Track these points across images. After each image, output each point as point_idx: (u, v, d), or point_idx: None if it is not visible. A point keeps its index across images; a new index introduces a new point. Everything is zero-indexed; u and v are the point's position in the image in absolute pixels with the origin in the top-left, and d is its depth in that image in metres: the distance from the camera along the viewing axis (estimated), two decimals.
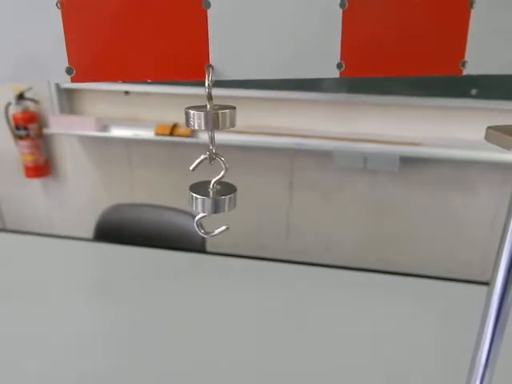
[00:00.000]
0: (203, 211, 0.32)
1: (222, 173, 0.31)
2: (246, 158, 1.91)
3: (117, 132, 1.94)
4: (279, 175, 1.94)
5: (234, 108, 0.30)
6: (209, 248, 1.39)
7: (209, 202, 0.31)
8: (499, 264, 0.41)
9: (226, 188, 0.33)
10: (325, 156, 1.84)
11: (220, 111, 0.29)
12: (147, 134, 1.88)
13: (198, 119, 0.29)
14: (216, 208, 0.32)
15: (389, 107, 1.78)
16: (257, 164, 1.93)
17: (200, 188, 0.32)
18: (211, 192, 0.32)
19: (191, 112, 0.29)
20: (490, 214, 1.82)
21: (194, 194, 0.31)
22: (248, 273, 1.11)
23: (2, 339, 0.87)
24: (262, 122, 1.85)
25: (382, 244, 1.96)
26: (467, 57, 0.28)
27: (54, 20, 0.25)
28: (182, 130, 1.85)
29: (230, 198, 0.32)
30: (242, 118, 1.85)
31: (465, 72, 0.29)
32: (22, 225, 2.26)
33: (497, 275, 0.42)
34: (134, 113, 1.96)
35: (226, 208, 0.32)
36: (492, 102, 1.65)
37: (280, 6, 0.27)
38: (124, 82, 0.27)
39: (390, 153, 1.75)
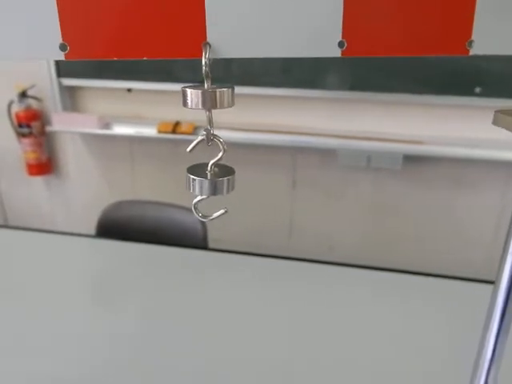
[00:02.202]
0: (201, 194, 0.31)
1: (220, 154, 0.30)
2: (248, 156, 1.91)
3: (119, 129, 1.93)
4: (282, 173, 1.93)
5: (233, 87, 0.30)
6: (211, 245, 1.38)
7: (207, 183, 0.30)
8: (504, 262, 0.40)
9: (224, 170, 0.32)
10: (328, 154, 1.83)
11: (218, 89, 0.28)
12: (150, 131, 1.88)
13: (195, 98, 0.28)
14: (214, 190, 0.31)
15: (392, 105, 1.76)
16: (260, 162, 1.92)
17: (197, 170, 0.31)
18: (209, 174, 0.31)
19: (188, 91, 0.28)
20: (493, 213, 1.80)
21: (192, 176, 0.30)
22: (250, 270, 1.10)
23: (2, 336, 0.86)
24: (264, 120, 1.85)
25: (385, 243, 1.94)
26: (474, 36, 0.27)
27: None
28: (185, 127, 1.85)
29: (228, 180, 0.31)
30: (245, 116, 1.84)
31: (471, 52, 0.28)
32: (24, 222, 2.26)
33: (502, 273, 0.41)
34: (137, 110, 1.95)
35: (225, 190, 0.31)
36: (496, 100, 1.63)
37: None
38: (119, 59, 0.26)
39: (394, 151, 1.74)
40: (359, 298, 0.98)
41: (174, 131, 1.84)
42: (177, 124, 1.86)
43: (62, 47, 0.25)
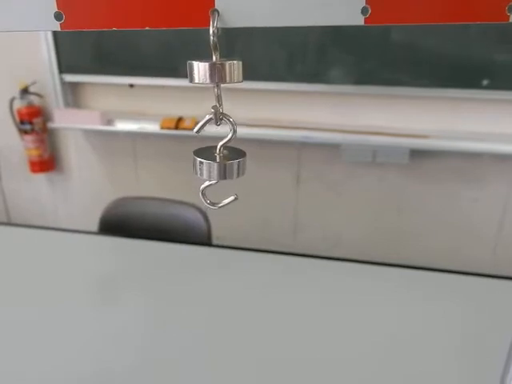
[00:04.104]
0: (210, 178, 0.28)
1: (230, 135, 0.28)
2: (252, 151, 1.88)
3: (122, 126, 1.91)
4: (286, 168, 1.91)
5: (240, 61, 0.27)
6: (214, 242, 1.36)
7: (216, 167, 0.28)
8: None
9: (234, 153, 0.29)
10: (333, 149, 1.81)
11: (227, 62, 0.26)
12: (152, 127, 1.86)
13: (202, 71, 0.25)
14: (224, 174, 0.28)
15: (398, 99, 1.74)
16: (263, 157, 1.90)
17: (205, 153, 0.29)
18: (218, 157, 0.29)
19: (195, 63, 0.25)
20: (500, 207, 1.77)
21: (199, 159, 0.28)
22: (255, 266, 1.08)
23: (4, 333, 0.85)
24: (268, 115, 1.82)
25: (390, 238, 1.92)
26: None
27: None
28: (188, 123, 1.83)
29: (238, 163, 0.28)
30: (248, 111, 1.82)
31: None
32: (27, 219, 2.25)
33: None
34: (139, 106, 1.93)
35: (235, 174, 0.28)
36: (504, 92, 1.60)
37: None
38: (119, 29, 0.24)
39: (400, 145, 1.71)
40: (364, 294, 0.95)
41: (176, 127, 1.82)
42: (180, 120, 1.84)
43: (58, 16, 0.23)
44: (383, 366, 0.77)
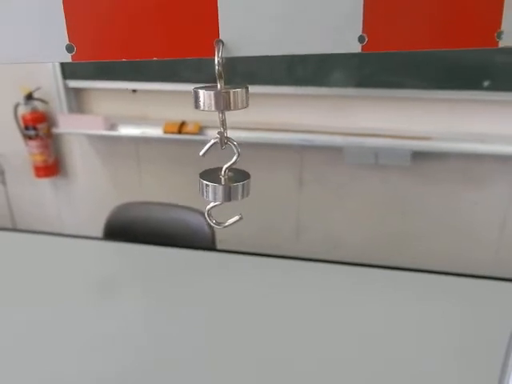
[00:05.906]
0: (215, 200, 0.30)
1: (235, 158, 0.29)
2: (254, 155, 1.89)
3: (125, 130, 1.93)
4: (289, 172, 1.91)
5: (247, 87, 0.28)
6: (218, 246, 1.37)
7: (221, 189, 0.29)
8: None
9: (239, 175, 0.30)
10: (335, 152, 1.81)
11: (232, 90, 0.27)
12: (156, 132, 1.87)
13: (207, 99, 0.27)
14: (229, 196, 0.29)
15: (399, 101, 1.74)
16: (266, 161, 1.91)
17: (211, 175, 0.30)
18: (223, 179, 0.30)
19: (200, 91, 0.27)
20: (502, 208, 1.77)
21: (205, 181, 0.29)
22: (258, 270, 1.09)
23: (9, 338, 0.86)
24: (270, 119, 1.83)
25: (394, 240, 1.92)
26: (504, 26, 0.25)
27: None
28: (191, 127, 1.84)
29: (243, 185, 0.29)
30: (250, 115, 1.82)
31: (501, 44, 0.26)
32: (31, 224, 2.26)
33: None
34: (142, 111, 1.95)
35: (240, 196, 0.30)
36: (505, 93, 1.60)
37: None
38: (129, 59, 0.25)
39: (402, 147, 1.71)
40: (365, 297, 0.96)
41: (179, 131, 1.84)
42: (183, 124, 1.85)
43: (69, 48, 0.24)
44: (384, 366, 0.77)
